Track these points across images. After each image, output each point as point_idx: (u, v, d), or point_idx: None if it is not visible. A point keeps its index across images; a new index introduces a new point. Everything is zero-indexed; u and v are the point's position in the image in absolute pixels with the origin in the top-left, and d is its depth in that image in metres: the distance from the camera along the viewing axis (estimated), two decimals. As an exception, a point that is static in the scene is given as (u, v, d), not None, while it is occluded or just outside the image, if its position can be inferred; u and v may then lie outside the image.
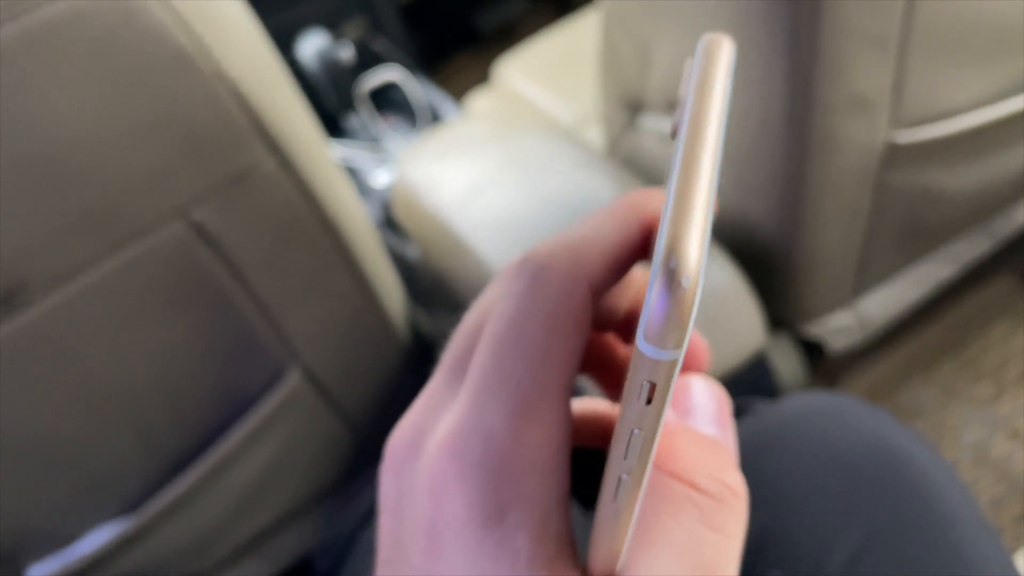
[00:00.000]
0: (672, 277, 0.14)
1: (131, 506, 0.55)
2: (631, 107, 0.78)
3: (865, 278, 0.71)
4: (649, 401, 0.14)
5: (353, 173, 1.11)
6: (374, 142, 1.18)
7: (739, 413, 0.43)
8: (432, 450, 0.17)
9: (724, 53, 0.18)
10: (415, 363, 0.68)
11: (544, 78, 1.15)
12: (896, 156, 0.58)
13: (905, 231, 0.67)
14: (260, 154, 0.47)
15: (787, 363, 0.74)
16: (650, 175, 0.77)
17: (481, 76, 1.20)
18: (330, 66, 1.11)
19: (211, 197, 0.47)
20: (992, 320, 0.90)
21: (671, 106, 0.69)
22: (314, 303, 0.56)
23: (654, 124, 0.74)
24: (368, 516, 0.49)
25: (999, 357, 0.87)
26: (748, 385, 0.60)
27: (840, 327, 0.74)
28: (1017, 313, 0.90)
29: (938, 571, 0.35)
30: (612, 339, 0.24)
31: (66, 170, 0.42)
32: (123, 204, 0.45)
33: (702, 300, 0.63)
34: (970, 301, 0.92)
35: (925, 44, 0.53)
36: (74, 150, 0.42)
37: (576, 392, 0.19)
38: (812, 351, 0.80)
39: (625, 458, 0.15)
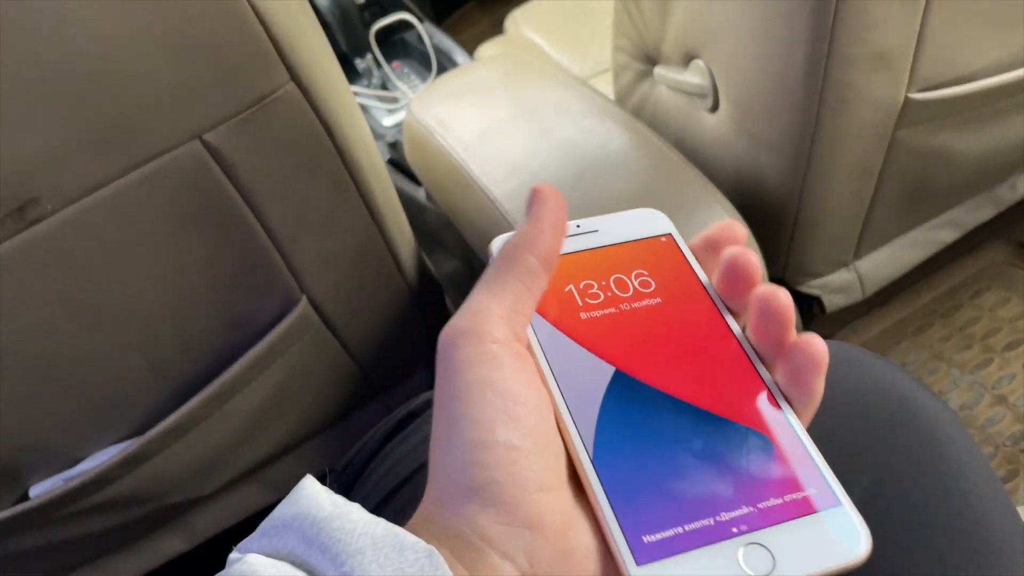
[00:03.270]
0: None
1: (137, 431, 0.55)
2: (646, 59, 0.77)
3: (868, 238, 0.72)
4: None
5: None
6: (384, 86, 1.16)
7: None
8: None
9: None
10: (421, 304, 0.68)
11: (554, 31, 1.14)
12: (911, 115, 0.58)
13: (912, 193, 0.67)
14: (282, 78, 0.47)
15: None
16: (659, 126, 0.77)
17: (492, 28, 1.19)
18: (342, 6, 1.09)
19: (231, 119, 0.46)
20: (985, 288, 0.91)
21: (687, 58, 0.69)
22: (325, 234, 0.56)
23: (669, 76, 0.73)
24: (380, 447, 0.50)
25: (990, 325, 0.88)
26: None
27: (839, 286, 0.75)
28: (1009, 282, 0.91)
29: (946, 517, 0.36)
30: None
31: (88, 82, 0.41)
32: (143, 122, 0.44)
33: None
34: (963, 268, 0.93)
35: (950, 2, 0.53)
36: (97, 62, 0.41)
37: None
38: (802, 312, 0.81)
39: None
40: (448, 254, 0.88)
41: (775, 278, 0.77)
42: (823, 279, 0.75)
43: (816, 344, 0.25)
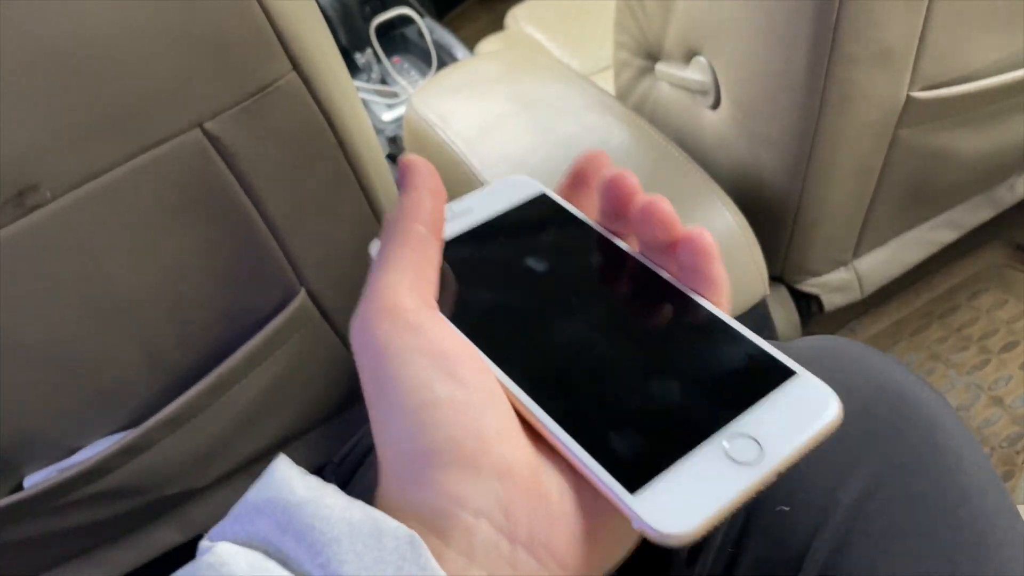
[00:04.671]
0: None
1: (134, 421, 0.55)
2: (647, 56, 0.77)
3: (867, 238, 0.72)
4: None
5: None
6: (383, 81, 1.16)
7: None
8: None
9: None
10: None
11: (555, 27, 1.14)
12: (912, 114, 0.58)
13: (912, 192, 0.67)
14: (284, 67, 0.47)
15: (783, 317, 0.75)
16: (659, 123, 0.77)
17: (492, 25, 1.19)
18: (343, 0, 1.09)
19: (232, 108, 0.46)
20: (982, 289, 0.92)
21: (689, 55, 0.69)
22: (324, 226, 0.56)
23: (670, 73, 0.73)
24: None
25: (987, 326, 0.89)
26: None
27: (838, 285, 0.75)
28: (1007, 284, 0.91)
29: (946, 513, 0.35)
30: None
31: (89, 69, 0.41)
32: (144, 109, 0.44)
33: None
34: (961, 269, 0.93)
35: (952, 1, 0.53)
36: (98, 49, 0.41)
37: None
38: (800, 311, 0.81)
39: None
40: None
41: (774, 276, 0.77)
42: (822, 278, 0.75)
43: (703, 235, 0.26)
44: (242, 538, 0.22)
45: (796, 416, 0.23)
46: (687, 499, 0.22)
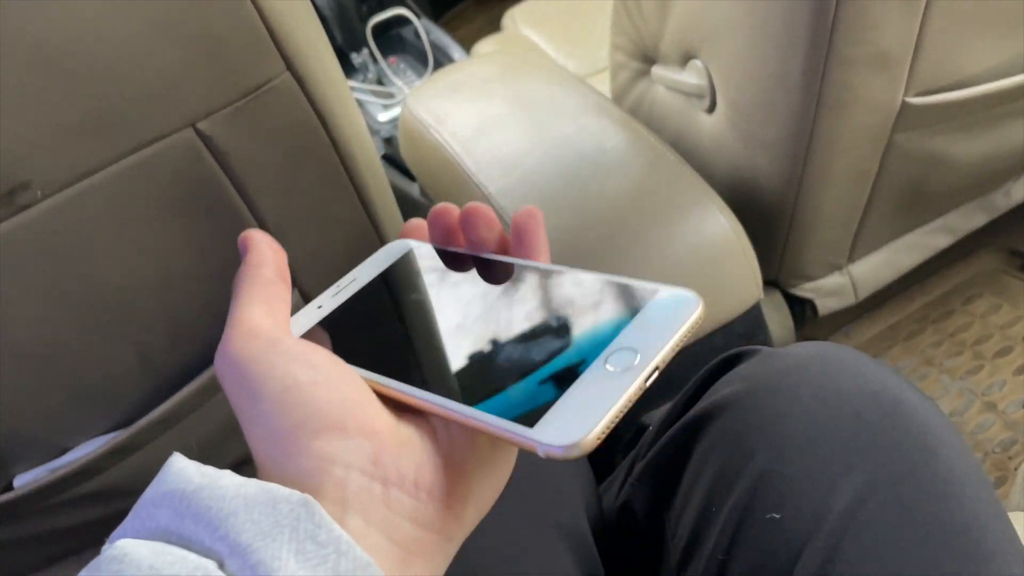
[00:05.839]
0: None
1: (125, 421, 0.55)
2: (643, 58, 0.77)
3: (862, 242, 0.72)
4: None
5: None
6: (379, 81, 1.16)
7: (744, 357, 0.44)
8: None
9: None
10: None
11: (552, 29, 1.14)
12: (908, 118, 0.58)
13: (907, 197, 0.67)
14: (278, 67, 0.46)
15: (778, 322, 0.75)
16: (655, 126, 0.77)
17: (489, 26, 1.19)
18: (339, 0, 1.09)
19: (225, 108, 0.46)
20: (976, 294, 0.92)
21: (685, 58, 0.69)
22: (317, 227, 0.56)
23: (666, 75, 0.73)
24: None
25: (981, 331, 0.89)
26: (744, 339, 0.61)
27: (833, 289, 0.75)
28: (1001, 289, 0.91)
29: (939, 521, 0.35)
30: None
31: (81, 67, 0.41)
32: (137, 108, 0.44)
33: (703, 253, 0.63)
34: (956, 274, 0.94)
35: (950, 5, 0.53)
36: (91, 47, 0.41)
37: None
38: (794, 315, 0.81)
39: None
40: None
41: (769, 280, 0.77)
42: (816, 282, 0.75)
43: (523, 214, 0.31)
44: (143, 533, 0.23)
45: (665, 320, 0.26)
46: (581, 414, 0.24)
